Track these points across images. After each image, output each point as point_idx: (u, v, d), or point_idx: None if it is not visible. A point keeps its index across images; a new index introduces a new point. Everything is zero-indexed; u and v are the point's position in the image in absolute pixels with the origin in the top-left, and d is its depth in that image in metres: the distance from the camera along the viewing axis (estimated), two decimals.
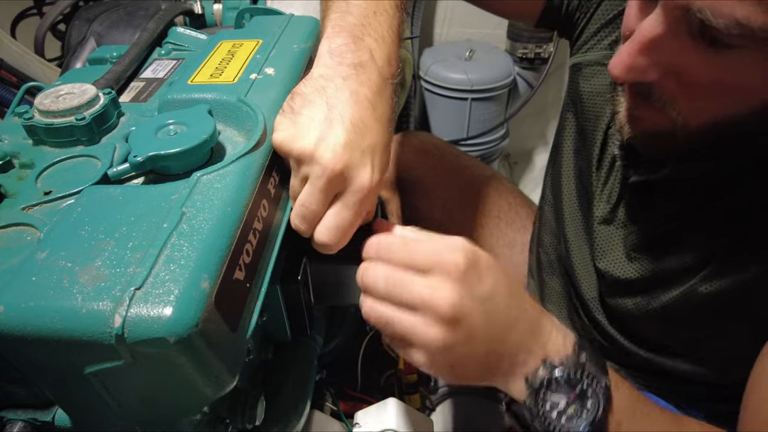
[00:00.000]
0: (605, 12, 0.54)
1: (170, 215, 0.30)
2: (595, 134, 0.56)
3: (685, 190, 0.46)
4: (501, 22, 1.30)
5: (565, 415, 0.37)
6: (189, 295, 0.26)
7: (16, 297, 0.27)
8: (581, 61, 0.56)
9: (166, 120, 0.40)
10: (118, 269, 0.28)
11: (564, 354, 0.38)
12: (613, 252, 0.53)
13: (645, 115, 0.41)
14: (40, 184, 0.40)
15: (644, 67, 0.37)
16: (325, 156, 0.35)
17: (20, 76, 1.14)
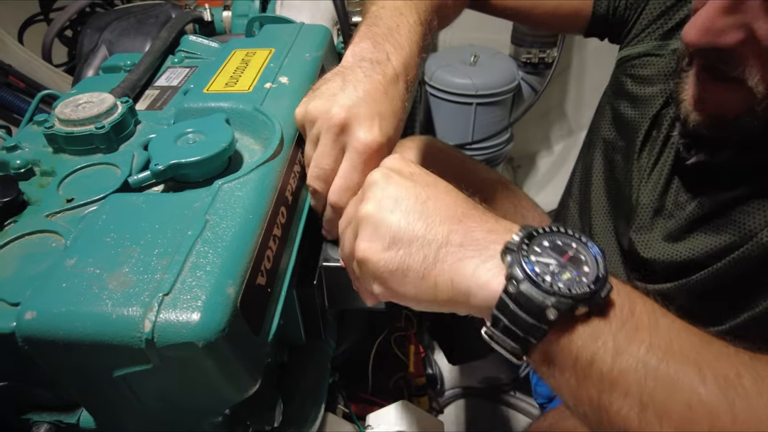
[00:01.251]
0: (655, 6, 0.55)
1: (194, 223, 0.31)
2: (641, 123, 0.55)
3: (745, 171, 0.45)
4: (504, 27, 1.31)
5: (560, 281, 0.29)
6: (215, 301, 0.27)
7: (47, 303, 0.27)
8: (630, 53, 0.57)
9: (185, 128, 0.41)
10: (146, 275, 0.28)
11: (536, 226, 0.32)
12: (657, 236, 0.52)
13: (716, 97, 0.40)
14: (61, 192, 0.41)
15: (722, 28, 0.36)
16: (333, 110, 0.39)
17: (28, 82, 1.15)
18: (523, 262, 0.29)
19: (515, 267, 0.29)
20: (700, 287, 0.49)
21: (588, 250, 0.30)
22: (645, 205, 0.54)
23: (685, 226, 0.51)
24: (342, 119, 0.39)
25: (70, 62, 1.44)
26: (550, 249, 0.31)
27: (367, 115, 0.39)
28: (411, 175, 0.35)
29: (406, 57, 0.45)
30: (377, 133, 0.39)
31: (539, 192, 1.46)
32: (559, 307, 0.28)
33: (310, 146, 0.41)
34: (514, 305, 0.29)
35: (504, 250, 0.30)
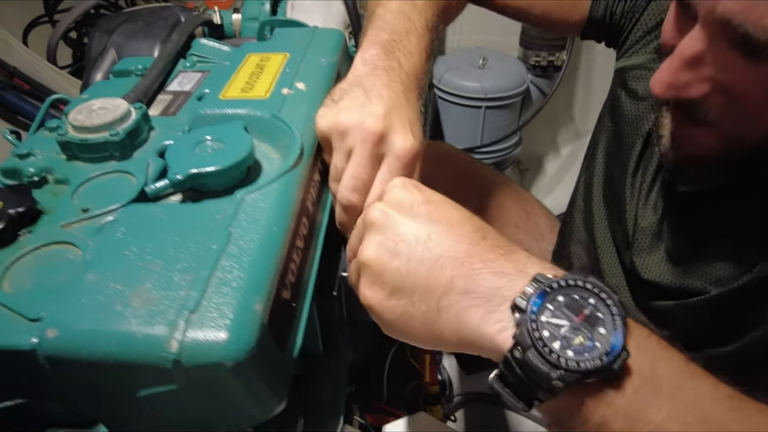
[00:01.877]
0: (651, 17, 0.54)
1: (217, 236, 0.30)
2: (635, 139, 0.55)
3: (736, 198, 0.45)
4: (512, 30, 1.30)
5: (571, 348, 0.27)
6: (243, 319, 0.26)
7: (70, 320, 0.27)
8: (625, 65, 0.56)
9: (203, 136, 0.40)
10: (170, 292, 0.28)
11: (555, 273, 0.30)
12: (658, 260, 0.52)
13: (691, 136, 0.40)
14: (76, 201, 0.40)
15: (686, 82, 0.36)
16: (368, 122, 0.39)
17: (33, 84, 1.14)
18: (531, 328, 0.27)
19: (522, 331, 0.27)
20: (700, 308, 0.49)
21: (608, 308, 0.28)
22: (644, 229, 0.54)
23: (684, 251, 0.50)
24: (379, 129, 0.38)
25: (74, 64, 1.43)
26: (565, 306, 0.28)
27: (401, 123, 0.40)
28: (411, 209, 0.33)
29: (417, 65, 0.46)
30: (413, 139, 0.39)
31: (547, 195, 1.45)
32: (565, 380, 0.27)
33: (341, 158, 0.40)
34: (519, 370, 0.28)
35: (513, 305, 0.29)
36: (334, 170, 0.41)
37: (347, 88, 0.42)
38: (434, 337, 0.31)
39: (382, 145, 0.39)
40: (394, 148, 0.39)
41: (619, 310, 0.28)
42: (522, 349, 0.27)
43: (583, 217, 0.64)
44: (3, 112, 1.11)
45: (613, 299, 0.28)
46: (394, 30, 0.46)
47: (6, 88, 1.06)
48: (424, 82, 0.46)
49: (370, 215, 0.34)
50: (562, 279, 0.29)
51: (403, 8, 0.47)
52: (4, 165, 0.45)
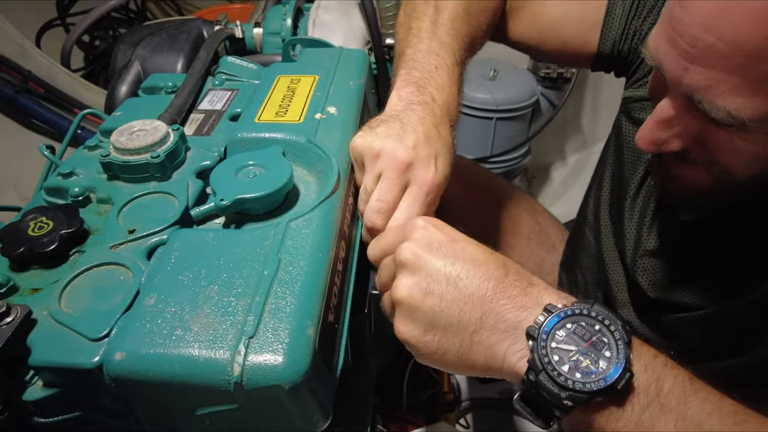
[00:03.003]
0: None
1: (268, 262, 0.32)
2: (637, 165, 0.58)
3: (733, 224, 0.48)
4: None
5: (578, 370, 0.30)
6: (298, 343, 0.28)
7: (136, 344, 0.29)
8: (632, 95, 0.59)
9: (245, 161, 0.42)
10: (227, 317, 0.29)
11: (567, 302, 0.33)
12: (661, 279, 0.55)
13: (683, 174, 0.43)
14: (121, 221, 0.42)
15: (665, 139, 0.40)
16: (399, 150, 0.42)
17: (47, 88, 1.16)
18: (541, 354, 0.31)
19: (534, 356, 0.31)
20: (702, 323, 0.52)
21: (612, 334, 0.31)
22: (649, 251, 0.56)
23: (685, 272, 0.53)
24: (408, 158, 0.42)
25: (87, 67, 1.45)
26: (573, 333, 0.32)
27: (428, 155, 0.43)
28: (439, 249, 0.35)
29: (448, 97, 0.49)
30: (437, 172, 0.43)
31: (554, 203, 1.47)
32: (574, 400, 0.30)
33: (371, 181, 0.43)
34: (534, 391, 0.31)
35: (527, 334, 0.32)
36: (364, 192, 0.44)
37: (384, 119, 0.45)
38: (466, 366, 0.35)
39: (409, 173, 0.42)
40: (419, 178, 0.42)
41: (622, 335, 0.31)
42: (535, 372, 0.31)
43: (594, 234, 0.66)
44: (18, 115, 1.13)
45: (617, 325, 0.32)
46: (424, 68, 0.49)
47: (21, 92, 1.08)
48: (456, 113, 0.49)
49: (401, 255, 0.36)
50: (569, 308, 0.32)
51: (431, 47, 0.51)
52: (49, 183, 0.47)
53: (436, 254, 0.35)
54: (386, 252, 0.39)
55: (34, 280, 0.37)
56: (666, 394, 0.31)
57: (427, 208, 0.43)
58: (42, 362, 0.31)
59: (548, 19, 0.62)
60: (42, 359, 0.31)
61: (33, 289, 0.37)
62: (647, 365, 0.32)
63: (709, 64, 0.34)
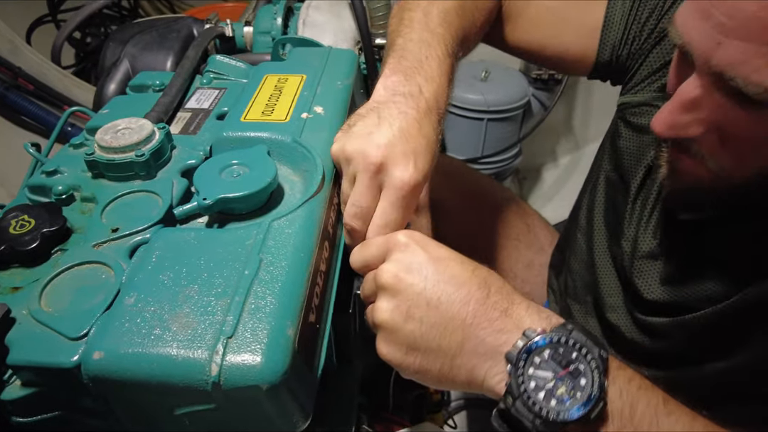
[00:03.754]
0: (656, 58, 0.56)
1: (249, 262, 0.32)
2: (637, 169, 0.58)
3: (730, 225, 0.48)
4: None
5: (554, 397, 0.31)
6: (277, 343, 0.28)
7: (114, 344, 0.28)
8: (630, 101, 0.58)
9: (229, 160, 0.42)
10: (207, 317, 0.29)
11: (547, 325, 0.34)
12: (656, 280, 0.55)
13: (686, 168, 0.43)
14: (105, 220, 0.41)
15: (685, 124, 0.39)
16: (369, 150, 0.40)
17: (37, 85, 1.15)
18: (518, 380, 0.32)
19: (511, 382, 0.32)
20: (694, 325, 0.52)
21: (588, 363, 0.32)
22: (645, 252, 0.57)
23: (681, 273, 0.53)
24: (378, 159, 0.40)
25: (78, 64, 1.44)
26: (551, 359, 0.32)
27: (403, 153, 0.40)
28: (420, 271, 0.36)
29: (437, 89, 0.47)
30: (413, 171, 0.40)
31: (545, 204, 1.48)
32: (548, 427, 0.31)
33: (348, 184, 0.42)
34: (510, 415, 0.33)
35: (506, 357, 0.33)
36: (343, 194, 0.44)
37: (364, 113, 0.44)
38: (448, 384, 0.36)
39: (381, 174, 0.40)
40: (393, 179, 0.40)
41: (598, 364, 0.32)
42: (512, 397, 0.32)
43: (586, 238, 0.67)
44: (7, 112, 1.12)
45: (594, 353, 0.32)
46: (414, 57, 0.47)
47: (10, 89, 1.07)
48: (444, 106, 0.47)
49: (382, 278, 0.36)
50: (547, 336, 0.33)
51: (423, 36, 0.49)
52: (32, 181, 0.46)
53: (416, 277, 0.35)
54: (368, 265, 0.40)
55: (15, 278, 0.37)
56: (639, 418, 0.32)
57: (405, 210, 0.41)
58: (20, 361, 0.31)
59: (548, 25, 0.61)
60: (20, 358, 0.30)
61: (13, 287, 0.36)
62: (622, 390, 0.33)
63: (747, 36, 0.33)
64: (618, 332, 0.61)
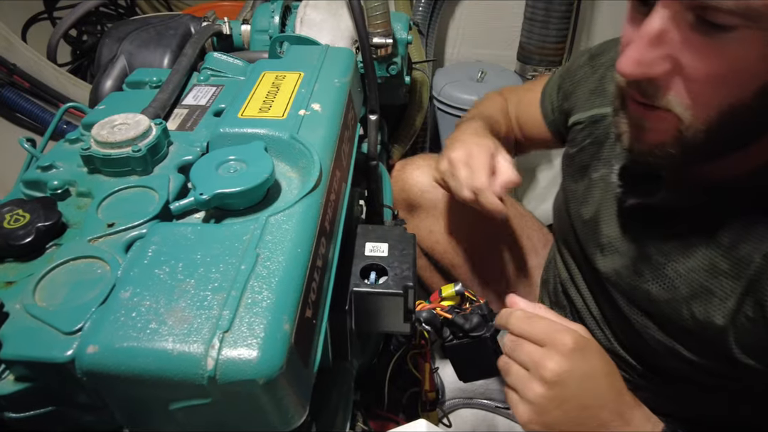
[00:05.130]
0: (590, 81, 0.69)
1: (246, 257, 0.32)
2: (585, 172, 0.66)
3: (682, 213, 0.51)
4: (511, 44, 1.33)
5: None
6: (274, 337, 0.28)
7: (109, 338, 0.28)
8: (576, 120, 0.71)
9: (226, 156, 0.41)
10: (203, 311, 0.29)
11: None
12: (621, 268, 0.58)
13: (654, 125, 0.45)
14: (101, 215, 0.41)
15: (652, 60, 0.40)
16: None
17: (33, 82, 1.14)
18: None
19: None
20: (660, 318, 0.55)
21: None
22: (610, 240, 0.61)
23: (636, 263, 0.56)
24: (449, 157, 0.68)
25: (74, 62, 1.43)
26: None
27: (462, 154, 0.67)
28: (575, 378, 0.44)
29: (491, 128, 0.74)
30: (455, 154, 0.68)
31: (539, 205, 1.48)
32: None
33: None
34: None
35: None
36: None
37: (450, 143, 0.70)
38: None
39: None
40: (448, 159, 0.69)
41: None
42: None
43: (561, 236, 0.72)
44: (2, 110, 1.11)
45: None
46: None
47: (6, 86, 1.07)
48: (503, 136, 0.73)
49: (545, 371, 0.44)
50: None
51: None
52: (27, 176, 0.46)
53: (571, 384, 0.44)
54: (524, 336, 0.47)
55: (9, 273, 0.37)
56: None
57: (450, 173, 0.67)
58: (14, 356, 0.30)
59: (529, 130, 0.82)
60: (14, 353, 0.30)
61: (7, 282, 0.36)
62: None
63: None
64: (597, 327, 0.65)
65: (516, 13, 1.29)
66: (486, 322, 0.65)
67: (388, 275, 0.47)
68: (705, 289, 0.49)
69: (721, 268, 0.48)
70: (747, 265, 0.46)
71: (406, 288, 0.45)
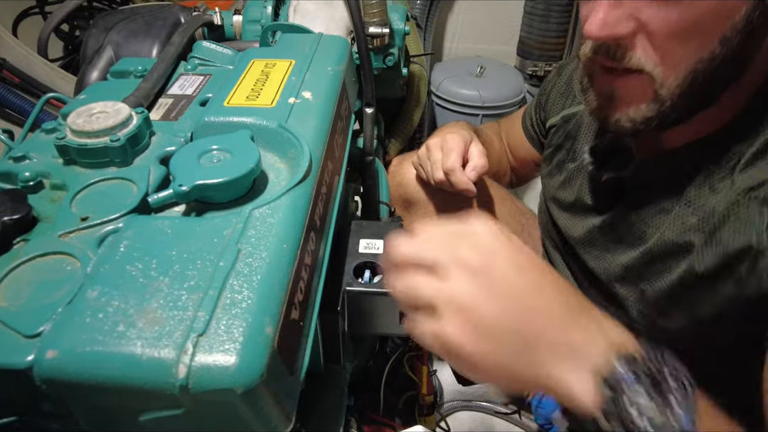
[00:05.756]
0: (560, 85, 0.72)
1: (226, 253, 0.29)
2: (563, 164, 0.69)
3: (654, 186, 0.52)
4: (510, 39, 1.31)
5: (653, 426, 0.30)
6: (254, 342, 0.25)
7: (71, 341, 0.25)
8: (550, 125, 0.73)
9: (209, 146, 0.39)
10: (176, 312, 0.27)
11: (638, 346, 0.32)
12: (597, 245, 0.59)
13: (623, 92, 0.45)
14: (75, 209, 0.38)
15: (616, 19, 0.42)
16: None
17: (23, 77, 1.12)
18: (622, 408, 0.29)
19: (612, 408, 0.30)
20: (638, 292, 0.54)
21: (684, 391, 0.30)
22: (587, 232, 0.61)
23: (618, 239, 0.57)
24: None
25: (66, 57, 1.40)
26: (652, 386, 0.30)
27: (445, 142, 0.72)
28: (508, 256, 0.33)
29: None
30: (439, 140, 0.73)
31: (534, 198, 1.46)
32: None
33: None
34: None
35: (604, 380, 0.30)
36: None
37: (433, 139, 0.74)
38: (511, 379, 0.32)
39: None
40: None
41: (690, 392, 0.30)
42: (609, 421, 0.30)
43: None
44: None
45: (688, 381, 0.31)
46: None
47: None
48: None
49: (463, 255, 0.32)
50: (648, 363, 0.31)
51: None
52: None
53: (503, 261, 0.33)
54: None
55: None
56: None
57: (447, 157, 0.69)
58: None
59: (514, 151, 0.86)
60: None
61: None
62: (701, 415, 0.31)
63: None
64: None
65: (515, 7, 1.27)
66: None
67: (383, 274, 0.44)
68: (680, 246, 0.48)
69: (690, 223, 0.48)
70: (712, 216, 0.46)
71: None
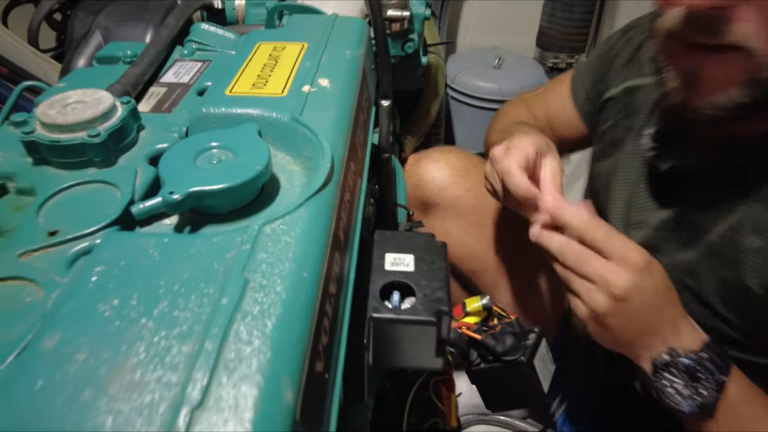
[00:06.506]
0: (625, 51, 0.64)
1: (229, 284, 0.22)
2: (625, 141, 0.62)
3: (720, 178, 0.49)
4: (528, 30, 1.24)
5: (678, 393, 0.44)
6: (270, 413, 0.18)
7: (12, 416, 0.18)
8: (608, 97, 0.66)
9: (207, 142, 0.31)
10: (163, 372, 0.19)
11: (690, 349, 0.45)
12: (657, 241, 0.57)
13: (710, 71, 0.41)
14: (42, 220, 0.31)
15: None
16: None
17: (12, 68, 1.06)
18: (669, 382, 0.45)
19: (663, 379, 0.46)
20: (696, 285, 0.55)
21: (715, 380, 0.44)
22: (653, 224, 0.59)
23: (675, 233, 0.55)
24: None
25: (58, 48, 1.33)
26: (686, 372, 0.45)
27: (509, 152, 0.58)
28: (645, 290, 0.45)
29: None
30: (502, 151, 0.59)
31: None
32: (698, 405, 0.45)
33: None
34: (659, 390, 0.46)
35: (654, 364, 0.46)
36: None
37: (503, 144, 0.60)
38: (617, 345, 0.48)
39: None
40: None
41: (719, 381, 0.44)
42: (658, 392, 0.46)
43: None
44: None
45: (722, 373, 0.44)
46: None
47: None
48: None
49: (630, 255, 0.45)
50: (690, 355, 0.45)
51: None
52: None
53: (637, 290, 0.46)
54: None
55: None
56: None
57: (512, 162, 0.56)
58: None
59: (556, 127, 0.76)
60: None
61: None
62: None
63: None
64: None
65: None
66: (520, 343, 0.57)
67: (416, 297, 0.37)
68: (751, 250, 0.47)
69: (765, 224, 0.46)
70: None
71: (439, 314, 0.35)
